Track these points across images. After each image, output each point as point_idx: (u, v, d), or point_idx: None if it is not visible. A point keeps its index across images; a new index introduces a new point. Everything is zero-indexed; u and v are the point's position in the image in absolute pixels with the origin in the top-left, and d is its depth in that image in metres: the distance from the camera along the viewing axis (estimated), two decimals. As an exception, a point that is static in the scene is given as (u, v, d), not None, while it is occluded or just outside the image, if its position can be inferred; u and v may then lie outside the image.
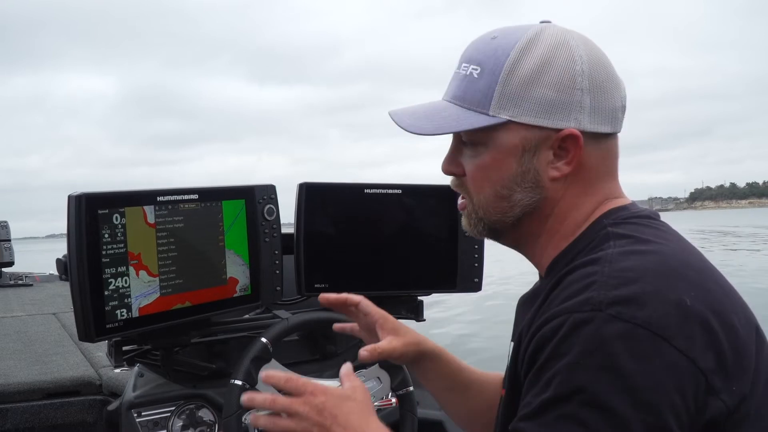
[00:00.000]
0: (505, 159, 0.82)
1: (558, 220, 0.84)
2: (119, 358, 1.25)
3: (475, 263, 1.52)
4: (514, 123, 0.80)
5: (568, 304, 0.71)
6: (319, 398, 0.86)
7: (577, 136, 0.79)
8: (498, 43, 0.82)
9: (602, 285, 0.70)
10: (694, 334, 0.68)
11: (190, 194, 1.20)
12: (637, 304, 0.68)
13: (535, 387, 0.72)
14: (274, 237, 1.34)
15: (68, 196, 1.06)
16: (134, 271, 1.12)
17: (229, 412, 1.19)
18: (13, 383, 1.65)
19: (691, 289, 0.71)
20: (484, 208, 0.85)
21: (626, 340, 0.67)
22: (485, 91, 0.81)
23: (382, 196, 1.46)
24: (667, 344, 0.67)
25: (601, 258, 0.74)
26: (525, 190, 0.82)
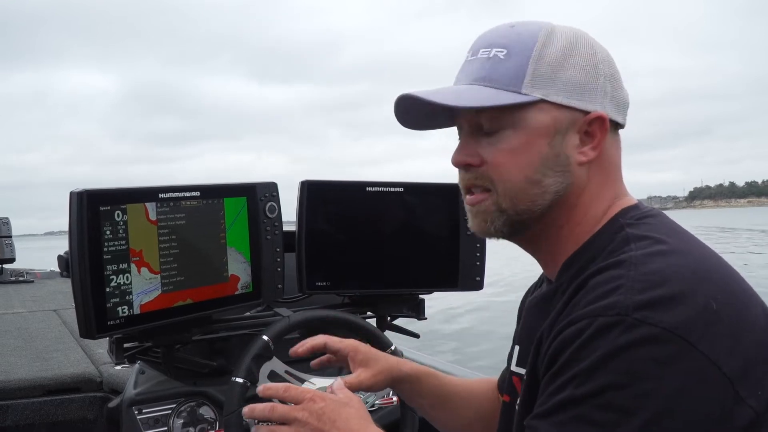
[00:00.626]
0: (536, 140, 0.80)
1: (582, 211, 0.83)
2: (120, 355, 1.25)
3: (477, 262, 1.52)
4: (547, 103, 0.79)
5: (593, 308, 0.70)
6: (318, 404, 0.87)
7: (604, 119, 0.79)
8: (520, 30, 0.82)
9: (628, 289, 0.69)
10: (720, 339, 0.67)
11: (192, 191, 1.20)
12: (664, 308, 0.67)
13: (551, 386, 0.71)
14: (275, 234, 1.34)
15: (70, 193, 1.06)
16: (136, 268, 1.11)
17: (230, 410, 1.18)
18: (14, 380, 1.65)
19: (717, 292, 0.70)
20: (512, 196, 0.81)
21: (651, 345, 0.65)
22: (516, 71, 0.79)
23: (383, 194, 1.45)
24: (693, 349, 0.65)
25: (625, 261, 0.73)
26: (556, 175, 0.80)
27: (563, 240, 0.84)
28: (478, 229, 0.86)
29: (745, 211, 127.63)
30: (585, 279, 0.75)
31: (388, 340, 1.38)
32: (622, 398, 0.65)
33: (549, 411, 0.70)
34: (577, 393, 0.67)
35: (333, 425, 0.86)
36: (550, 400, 0.70)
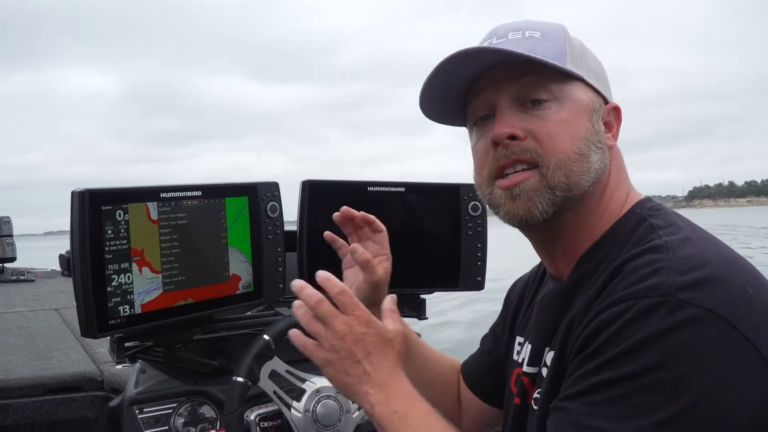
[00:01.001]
0: (580, 115, 0.81)
1: (608, 196, 0.84)
2: (121, 354, 1.25)
3: (478, 262, 1.51)
4: (584, 83, 0.82)
5: (635, 289, 0.69)
6: (362, 328, 0.80)
7: (619, 111, 0.83)
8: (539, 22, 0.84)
9: (670, 270, 0.69)
10: (758, 323, 0.68)
11: (194, 191, 1.20)
12: (707, 289, 0.67)
13: (584, 368, 0.69)
14: (276, 234, 1.34)
15: (71, 192, 1.06)
16: (137, 268, 1.11)
17: (230, 409, 1.18)
18: (15, 379, 1.65)
19: (750, 278, 0.71)
20: (565, 169, 0.79)
21: (696, 326, 0.65)
22: (557, 49, 0.80)
23: (385, 194, 1.45)
24: (735, 330, 0.66)
25: (662, 245, 0.73)
26: (598, 151, 0.81)
27: (587, 228, 0.83)
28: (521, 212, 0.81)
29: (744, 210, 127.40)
30: (620, 264, 0.74)
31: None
32: (666, 380, 0.64)
33: (581, 391, 0.68)
34: (615, 374, 0.66)
35: (366, 356, 0.79)
36: (583, 382, 0.68)
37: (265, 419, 1.31)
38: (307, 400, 1.27)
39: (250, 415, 1.30)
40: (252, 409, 1.31)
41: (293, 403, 1.27)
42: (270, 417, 1.32)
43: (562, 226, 0.84)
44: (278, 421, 1.32)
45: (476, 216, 1.49)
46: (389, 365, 0.80)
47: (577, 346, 0.73)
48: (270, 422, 1.32)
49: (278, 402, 1.26)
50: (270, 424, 1.32)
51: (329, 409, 1.28)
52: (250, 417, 1.30)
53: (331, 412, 1.28)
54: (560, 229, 0.84)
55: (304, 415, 1.26)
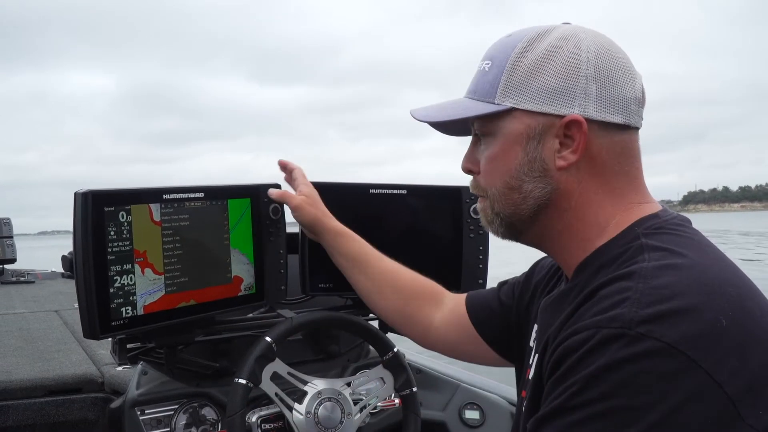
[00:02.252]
0: (511, 148, 0.83)
1: (577, 216, 0.83)
2: (123, 355, 1.25)
3: (480, 264, 1.52)
4: (519, 110, 0.81)
5: (598, 319, 0.70)
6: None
7: (580, 122, 0.79)
8: (510, 39, 0.85)
9: (635, 302, 0.69)
10: (725, 358, 0.66)
11: (196, 192, 1.20)
12: (669, 323, 0.66)
13: (553, 392, 0.71)
14: (279, 236, 1.34)
15: (74, 193, 1.06)
16: (139, 269, 1.11)
17: (232, 411, 1.18)
18: (15, 380, 1.64)
19: (729, 309, 0.69)
20: (498, 201, 0.86)
21: (652, 359, 0.65)
22: (492, 82, 0.83)
23: (387, 197, 1.45)
24: (695, 365, 0.65)
25: (635, 272, 0.72)
26: (534, 180, 0.82)
27: (569, 244, 0.85)
28: (487, 229, 0.92)
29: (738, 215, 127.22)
30: (594, 289, 0.75)
31: (390, 342, 1.38)
32: (619, 409, 0.65)
33: (547, 416, 0.71)
34: (573, 402, 0.68)
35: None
36: (550, 405, 0.71)
37: (266, 421, 1.31)
38: (309, 402, 1.27)
39: (252, 417, 1.30)
40: (253, 411, 1.31)
41: (295, 405, 1.27)
42: (271, 419, 1.32)
43: (537, 243, 0.90)
44: (280, 423, 1.32)
45: (478, 219, 1.49)
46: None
47: (549, 367, 0.75)
48: (271, 424, 1.32)
49: (280, 404, 1.26)
50: (271, 426, 1.32)
51: (331, 411, 1.28)
52: (251, 419, 1.30)
53: (333, 415, 1.28)
54: (538, 244, 0.90)
55: (306, 417, 1.26)
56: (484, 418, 1.67)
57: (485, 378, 1.78)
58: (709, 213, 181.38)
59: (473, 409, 1.68)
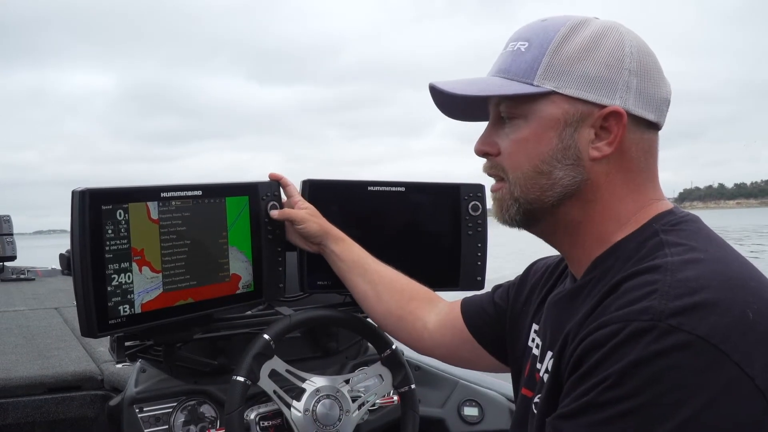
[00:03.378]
0: (545, 132, 0.80)
1: (600, 210, 0.82)
2: (121, 353, 1.25)
3: (478, 261, 1.51)
4: (558, 95, 0.79)
5: (626, 311, 0.68)
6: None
7: (621, 114, 0.78)
8: (548, 23, 0.82)
9: (664, 294, 0.67)
10: (755, 350, 0.66)
11: (194, 190, 1.20)
12: (699, 315, 0.66)
13: (578, 389, 0.70)
14: (277, 234, 1.34)
15: (72, 192, 1.06)
16: (137, 267, 1.11)
17: (231, 409, 1.19)
18: (15, 378, 1.65)
19: (754, 301, 0.68)
20: (522, 185, 0.82)
21: (684, 353, 0.64)
22: (531, 63, 0.80)
23: (385, 194, 1.45)
24: (726, 359, 0.64)
25: (661, 266, 0.71)
26: (566, 168, 0.80)
27: (585, 237, 0.83)
28: (495, 216, 0.89)
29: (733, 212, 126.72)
30: (617, 282, 0.74)
31: (389, 339, 1.38)
32: (651, 405, 0.64)
33: (574, 412, 0.69)
34: (604, 397, 0.66)
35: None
36: (576, 402, 0.69)
37: (264, 418, 1.32)
38: (307, 399, 1.27)
39: (250, 415, 1.31)
40: (252, 409, 1.32)
41: (293, 403, 1.27)
42: (270, 416, 1.32)
43: (550, 233, 0.87)
44: (278, 420, 1.32)
45: (476, 216, 1.49)
46: None
47: (571, 364, 0.73)
48: (270, 421, 1.32)
49: (278, 401, 1.27)
50: (270, 423, 1.32)
51: (329, 409, 1.28)
52: (250, 416, 1.30)
53: (331, 412, 1.28)
54: (552, 234, 0.87)
55: (304, 415, 1.26)
56: (482, 415, 1.67)
57: (484, 375, 1.78)
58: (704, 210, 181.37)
59: (472, 405, 1.68)
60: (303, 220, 1.29)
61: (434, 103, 0.91)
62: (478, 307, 1.16)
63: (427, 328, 1.22)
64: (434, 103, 0.92)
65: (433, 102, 0.91)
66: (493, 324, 1.11)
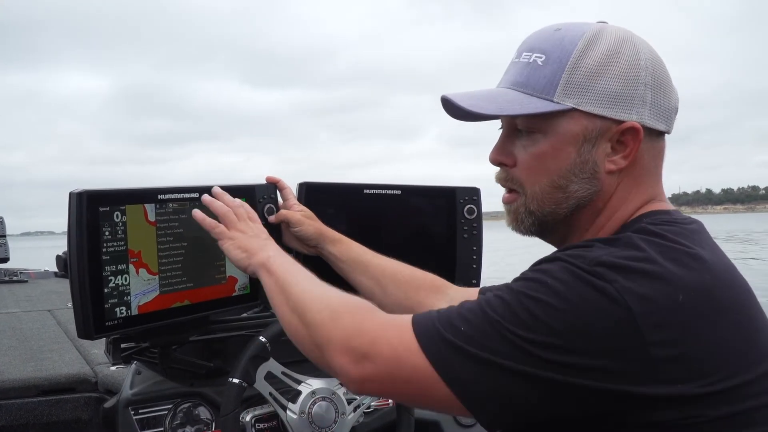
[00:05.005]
0: (564, 148, 0.82)
1: (607, 216, 0.85)
2: (117, 355, 1.25)
3: (474, 265, 1.52)
4: (578, 111, 0.81)
5: (565, 252, 0.75)
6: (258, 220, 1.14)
7: (638, 130, 0.80)
8: (563, 35, 0.83)
9: (600, 249, 0.72)
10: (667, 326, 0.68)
11: (191, 193, 1.20)
12: (624, 274, 0.69)
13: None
14: (273, 236, 1.34)
15: (69, 193, 1.06)
16: (134, 269, 1.12)
17: (226, 411, 1.19)
18: (8, 380, 1.64)
19: (692, 288, 0.70)
20: (539, 199, 0.85)
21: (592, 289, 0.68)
22: (551, 78, 0.81)
23: (381, 197, 1.46)
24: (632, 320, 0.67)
25: (618, 239, 0.75)
26: (582, 181, 0.82)
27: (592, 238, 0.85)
28: (510, 226, 0.90)
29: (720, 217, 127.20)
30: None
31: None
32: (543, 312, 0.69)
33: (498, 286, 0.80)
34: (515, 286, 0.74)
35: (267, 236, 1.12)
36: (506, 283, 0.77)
37: (260, 421, 1.32)
38: (303, 401, 1.28)
39: (246, 417, 1.31)
40: (248, 411, 1.32)
41: (289, 405, 1.27)
42: (266, 418, 1.32)
43: (561, 241, 0.89)
44: (274, 422, 1.32)
45: (472, 219, 1.49)
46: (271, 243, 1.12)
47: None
48: (265, 424, 1.32)
49: (274, 403, 1.27)
50: (266, 425, 1.32)
51: (325, 411, 1.28)
52: (245, 418, 1.30)
53: (327, 414, 1.28)
54: (562, 242, 0.89)
55: (300, 417, 1.27)
56: (477, 418, 1.67)
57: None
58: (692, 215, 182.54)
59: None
60: (299, 223, 1.29)
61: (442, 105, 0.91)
62: None
63: None
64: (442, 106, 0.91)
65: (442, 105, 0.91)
66: None
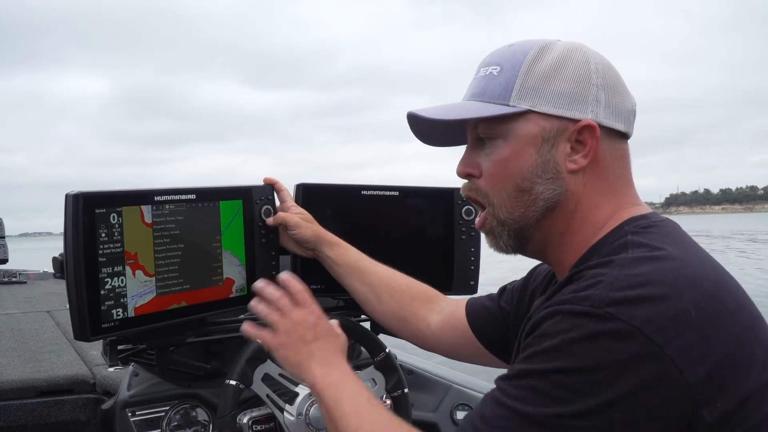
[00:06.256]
0: (524, 149, 0.83)
1: (580, 218, 0.85)
2: (114, 357, 1.25)
3: (471, 266, 1.52)
4: (534, 113, 0.83)
5: (571, 296, 0.73)
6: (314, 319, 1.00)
7: (594, 127, 0.82)
8: (515, 48, 0.86)
9: (607, 285, 0.71)
10: (689, 346, 0.68)
11: (188, 194, 1.20)
12: (638, 306, 0.69)
13: (521, 355, 0.75)
14: (270, 237, 1.34)
15: (66, 195, 1.06)
16: (130, 271, 1.11)
17: (223, 412, 1.19)
18: (6, 381, 1.64)
19: (701, 300, 0.71)
20: (507, 206, 0.86)
21: (617, 339, 0.68)
22: (505, 85, 0.84)
23: (379, 198, 1.46)
24: (659, 350, 0.67)
25: (614, 261, 0.75)
26: (546, 182, 0.84)
27: (566, 248, 0.87)
28: (491, 247, 0.91)
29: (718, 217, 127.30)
30: (573, 274, 0.79)
31: (382, 343, 1.38)
32: (578, 381, 0.68)
33: (513, 375, 0.74)
34: (539, 367, 0.71)
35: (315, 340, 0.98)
36: (517, 367, 0.74)
37: (257, 422, 1.31)
38: (300, 403, 1.27)
39: (243, 419, 1.30)
40: (245, 413, 1.31)
41: (286, 407, 1.27)
42: (263, 420, 1.32)
43: (539, 251, 0.90)
44: (271, 424, 1.32)
45: (470, 220, 1.49)
46: (333, 349, 0.99)
47: (524, 335, 0.79)
48: (263, 425, 1.32)
49: (271, 405, 1.27)
50: (263, 427, 1.32)
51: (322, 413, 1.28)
52: (242, 420, 1.30)
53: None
54: (541, 252, 0.90)
55: (297, 419, 1.26)
56: (475, 419, 1.67)
57: (477, 379, 1.79)
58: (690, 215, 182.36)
59: (465, 410, 1.68)
60: (296, 225, 1.29)
61: (412, 131, 0.95)
62: (482, 309, 1.18)
63: (430, 328, 1.24)
64: (412, 132, 0.95)
65: (412, 131, 0.95)
66: (498, 327, 1.14)
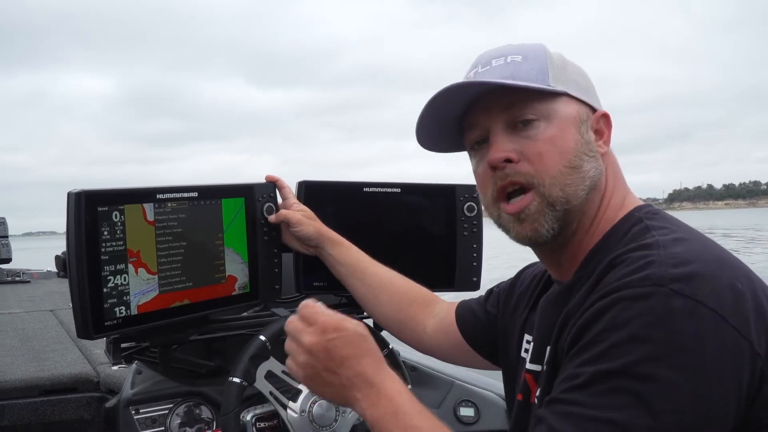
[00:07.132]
0: (568, 129, 0.84)
1: (606, 201, 0.87)
2: (117, 355, 1.25)
3: (474, 262, 1.52)
4: (569, 96, 0.85)
5: (627, 280, 0.70)
6: (330, 334, 0.80)
7: (609, 117, 0.87)
8: (517, 46, 0.89)
9: (662, 264, 0.70)
10: (749, 317, 0.69)
11: (190, 192, 1.20)
12: (697, 282, 0.68)
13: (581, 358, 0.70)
14: (273, 235, 1.34)
15: (68, 193, 1.06)
16: (133, 269, 1.12)
17: (227, 410, 1.19)
18: (11, 380, 1.64)
19: (740, 276, 0.72)
20: (557, 184, 0.83)
21: (688, 316, 0.66)
22: (539, 69, 0.85)
23: (381, 195, 1.46)
24: (725, 322, 0.67)
25: (653, 243, 0.75)
26: (591, 160, 0.85)
27: (589, 233, 0.87)
28: (529, 233, 0.85)
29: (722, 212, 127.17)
30: (612, 260, 0.76)
31: (385, 341, 1.38)
32: (663, 369, 0.65)
33: (585, 383, 0.68)
34: (614, 365, 0.67)
35: (342, 364, 0.79)
36: (585, 371, 0.68)
37: (261, 420, 1.32)
38: (303, 400, 1.27)
39: (247, 416, 1.30)
40: (248, 410, 1.32)
41: (289, 404, 1.27)
42: (266, 417, 1.32)
43: (567, 237, 0.87)
44: (274, 421, 1.32)
45: (472, 216, 1.49)
46: (369, 361, 0.81)
47: (572, 336, 0.74)
48: (266, 423, 1.32)
49: (274, 402, 1.27)
50: (266, 424, 1.32)
51: (325, 410, 1.28)
52: (246, 417, 1.30)
53: (327, 413, 1.28)
54: (566, 240, 0.88)
55: (300, 416, 1.26)
56: (478, 416, 1.67)
57: (480, 375, 1.78)
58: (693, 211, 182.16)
59: (468, 406, 1.68)
60: (299, 223, 1.29)
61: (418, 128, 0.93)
62: (470, 313, 1.19)
63: (427, 332, 1.25)
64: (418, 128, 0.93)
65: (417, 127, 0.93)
66: (485, 330, 1.15)
